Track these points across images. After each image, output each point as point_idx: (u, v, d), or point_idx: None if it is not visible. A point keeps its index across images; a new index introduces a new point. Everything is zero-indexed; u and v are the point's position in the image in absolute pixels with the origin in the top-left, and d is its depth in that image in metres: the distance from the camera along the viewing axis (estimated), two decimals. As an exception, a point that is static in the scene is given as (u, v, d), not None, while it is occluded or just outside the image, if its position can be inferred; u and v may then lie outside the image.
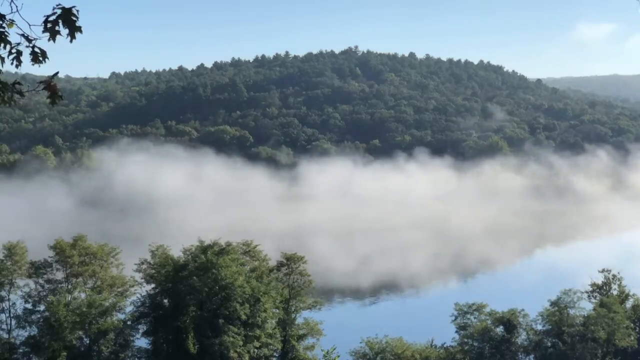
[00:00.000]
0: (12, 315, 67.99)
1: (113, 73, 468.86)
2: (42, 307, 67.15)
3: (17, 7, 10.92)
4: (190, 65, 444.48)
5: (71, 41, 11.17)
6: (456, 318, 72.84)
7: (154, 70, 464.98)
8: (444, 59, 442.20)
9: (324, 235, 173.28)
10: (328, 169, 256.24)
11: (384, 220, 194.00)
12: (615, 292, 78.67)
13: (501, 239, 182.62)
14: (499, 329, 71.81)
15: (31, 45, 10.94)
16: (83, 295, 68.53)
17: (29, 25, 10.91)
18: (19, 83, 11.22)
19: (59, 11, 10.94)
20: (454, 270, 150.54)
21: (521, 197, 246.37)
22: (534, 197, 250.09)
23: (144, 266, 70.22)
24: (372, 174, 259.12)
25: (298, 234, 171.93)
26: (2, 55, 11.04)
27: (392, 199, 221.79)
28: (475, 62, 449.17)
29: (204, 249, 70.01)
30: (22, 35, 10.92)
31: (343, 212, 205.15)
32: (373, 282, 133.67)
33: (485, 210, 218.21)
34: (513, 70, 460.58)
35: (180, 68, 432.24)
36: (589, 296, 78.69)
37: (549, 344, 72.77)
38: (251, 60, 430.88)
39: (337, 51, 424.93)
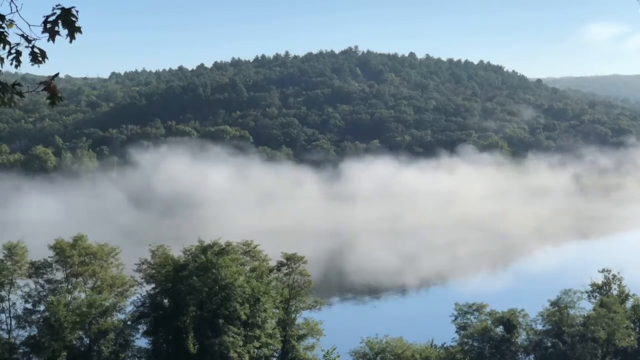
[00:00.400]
0: (12, 315, 67.97)
1: (113, 73, 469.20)
2: (42, 307, 67.13)
3: (16, 7, 10.93)
4: (190, 65, 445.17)
5: (71, 41, 11.17)
6: (456, 318, 72.82)
7: (154, 70, 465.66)
8: (444, 59, 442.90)
9: (365, 234, 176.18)
10: (368, 168, 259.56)
11: (429, 219, 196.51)
12: (615, 292, 78.66)
13: (539, 236, 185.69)
14: (499, 329, 71.79)
15: (30, 45, 10.94)
16: (83, 295, 68.52)
17: (29, 25, 10.92)
18: (18, 84, 11.22)
19: (58, 11, 10.94)
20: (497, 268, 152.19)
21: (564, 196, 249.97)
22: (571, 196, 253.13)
23: (144, 266, 70.21)
24: (413, 173, 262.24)
25: (339, 233, 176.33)
26: (2, 56, 11.05)
27: (436, 199, 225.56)
28: (475, 62, 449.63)
29: (204, 249, 70.01)
30: (22, 35, 10.93)
31: (384, 211, 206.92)
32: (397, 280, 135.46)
33: (526, 208, 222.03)
34: (513, 70, 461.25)
35: (180, 68, 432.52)
36: (589, 296, 78.67)
37: (549, 344, 72.76)
38: (251, 60, 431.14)
39: (337, 51, 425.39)
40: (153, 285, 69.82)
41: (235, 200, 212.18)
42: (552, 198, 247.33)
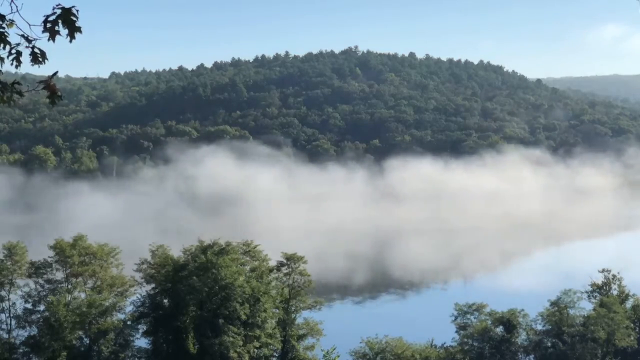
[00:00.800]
0: (12, 315, 67.98)
1: (113, 73, 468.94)
2: (42, 307, 67.12)
3: (17, 7, 10.93)
4: (190, 65, 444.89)
5: (71, 41, 11.17)
6: (456, 318, 72.77)
7: (154, 70, 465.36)
8: (444, 59, 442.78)
9: (416, 234, 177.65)
10: (410, 166, 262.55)
11: (481, 219, 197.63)
12: (615, 292, 78.63)
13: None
14: (499, 329, 71.76)
15: (31, 45, 10.94)
16: (83, 295, 68.50)
17: (29, 25, 10.92)
18: (18, 83, 11.22)
19: (58, 11, 10.94)
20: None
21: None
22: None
23: (144, 266, 70.17)
24: (459, 171, 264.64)
25: (387, 232, 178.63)
26: (2, 56, 11.04)
27: (485, 198, 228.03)
28: (475, 62, 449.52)
29: (203, 249, 69.98)
30: (22, 35, 10.92)
31: (431, 210, 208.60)
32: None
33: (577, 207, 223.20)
34: (513, 70, 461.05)
35: (180, 68, 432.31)
36: (589, 296, 78.61)
37: (549, 344, 72.74)
38: (251, 60, 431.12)
39: (337, 51, 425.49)
40: (153, 285, 69.78)
41: (280, 200, 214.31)
42: (600, 197, 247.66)
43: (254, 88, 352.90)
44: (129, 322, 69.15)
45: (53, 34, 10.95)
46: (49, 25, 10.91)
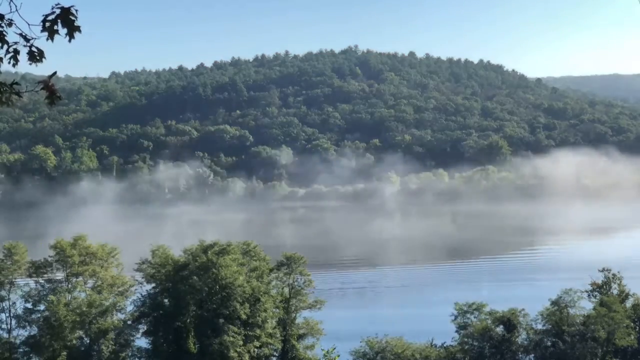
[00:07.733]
0: (12, 314, 67.97)
1: (113, 73, 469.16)
2: (42, 307, 67.12)
3: (16, 6, 10.90)
4: (190, 65, 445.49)
5: (70, 41, 11.15)
6: (456, 317, 72.75)
7: (154, 70, 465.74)
8: (444, 58, 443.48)
9: None
10: None
11: None
12: (615, 292, 78.61)
13: None
14: (499, 329, 71.74)
15: (29, 44, 10.92)
16: (83, 295, 68.49)
17: (28, 24, 10.90)
18: (17, 83, 11.18)
19: (57, 11, 10.92)
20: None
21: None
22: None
23: (145, 266, 70.16)
24: None
25: None
26: (0, 55, 11.02)
27: None
28: (475, 62, 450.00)
29: (204, 248, 70.02)
30: (21, 34, 10.90)
31: None
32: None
33: None
34: (513, 70, 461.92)
35: (180, 68, 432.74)
36: (589, 295, 78.54)
37: (549, 344, 72.69)
38: (251, 60, 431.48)
39: (337, 50, 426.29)
40: (153, 285, 69.77)
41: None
42: None
43: (254, 87, 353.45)
44: (129, 322, 69.11)
45: (52, 34, 10.93)
46: (47, 24, 10.89)
